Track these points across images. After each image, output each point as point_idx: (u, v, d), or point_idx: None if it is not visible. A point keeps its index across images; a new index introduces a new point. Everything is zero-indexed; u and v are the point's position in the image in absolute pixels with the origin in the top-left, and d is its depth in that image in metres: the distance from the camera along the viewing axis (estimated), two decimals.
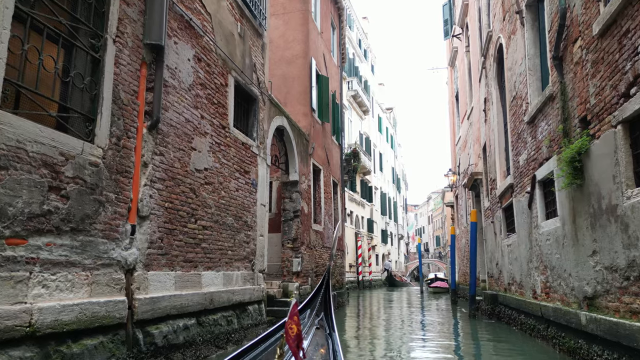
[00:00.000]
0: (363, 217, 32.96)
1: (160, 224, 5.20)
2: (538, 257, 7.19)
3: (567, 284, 5.92)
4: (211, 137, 6.56)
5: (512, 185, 8.79)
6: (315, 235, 12.13)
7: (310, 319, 4.56)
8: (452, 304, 16.14)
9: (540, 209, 7.01)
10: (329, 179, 14.10)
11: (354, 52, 33.23)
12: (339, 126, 15.80)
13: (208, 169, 6.42)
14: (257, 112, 8.36)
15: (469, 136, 16.33)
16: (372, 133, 37.14)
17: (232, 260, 7.06)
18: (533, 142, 7.25)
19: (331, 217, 14.19)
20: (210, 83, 6.63)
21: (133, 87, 4.80)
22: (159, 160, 5.25)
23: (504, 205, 9.88)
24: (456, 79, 20.09)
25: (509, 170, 9.52)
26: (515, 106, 8.40)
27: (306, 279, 10.91)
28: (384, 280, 35.00)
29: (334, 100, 15.09)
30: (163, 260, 5.24)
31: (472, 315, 11.32)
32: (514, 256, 8.95)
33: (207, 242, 6.29)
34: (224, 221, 6.85)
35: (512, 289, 9.26)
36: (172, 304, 5.27)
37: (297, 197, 10.57)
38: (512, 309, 9.21)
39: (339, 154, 15.97)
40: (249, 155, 7.93)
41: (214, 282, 6.39)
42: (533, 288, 7.59)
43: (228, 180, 7.05)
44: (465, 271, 18.12)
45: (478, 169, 13.57)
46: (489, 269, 12.53)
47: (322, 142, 13.50)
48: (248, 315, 7.41)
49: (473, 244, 11.46)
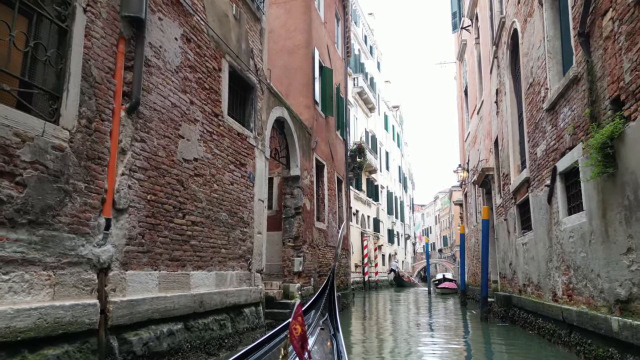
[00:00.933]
0: (369, 217, 32.35)
1: (141, 218, 4.68)
2: (559, 256, 6.59)
3: (594, 285, 5.33)
4: (202, 125, 6.03)
5: (529, 179, 8.19)
6: (319, 234, 11.58)
7: (315, 319, 4.49)
8: (462, 306, 15.52)
9: (562, 204, 6.41)
10: (332, 176, 13.55)
11: (360, 48, 32.64)
12: (343, 121, 15.24)
13: (198, 159, 5.90)
14: (254, 101, 7.83)
15: (478, 131, 15.70)
16: (378, 131, 36.53)
17: (226, 259, 6.53)
18: (553, 131, 6.65)
19: (335, 215, 13.63)
20: (201, 66, 6.10)
21: (108, 64, 4.28)
22: (140, 147, 4.72)
23: (518, 201, 9.26)
24: (465, 73, 19.45)
25: (525, 164, 8.91)
26: (532, 94, 7.80)
27: (308, 279, 10.37)
28: (391, 280, 35.04)
29: (339, 94, 14.54)
30: (145, 259, 4.71)
31: (483, 318, 10.71)
32: (530, 255, 8.34)
33: (197, 239, 5.76)
34: (217, 217, 6.32)
35: (528, 291, 8.65)
36: (155, 307, 4.75)
37: (299, 193, 10.03)
38: (528, 312, 8.60)
39: (344, 150, 15.41)
40: (246, 146, 7.39)
41: (204, 282, 5.86)
42: (553, 290, 6.99)
43: (221, 173, 6.52)
44: (474, 272, 17.47)
45: (489, 164, 12.95)
46: (501, 269, 11.91)
47: (326, 137, 12.95)
48: (244, 318, 6.87)
49: (485, 242, 10.85)
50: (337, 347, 3.95)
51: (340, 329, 4.37)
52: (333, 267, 5.15)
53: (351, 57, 29.61)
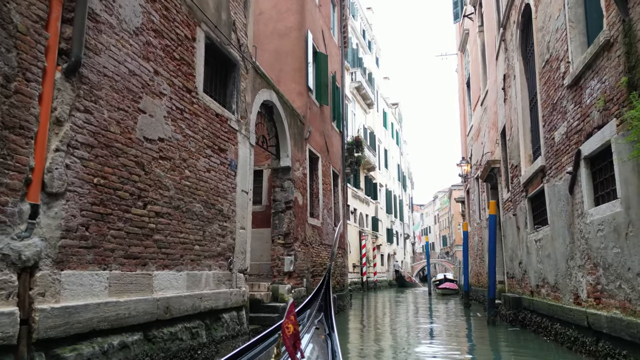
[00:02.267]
0: (367, 215, 31.49)
1: (85, 205, 3.82)
2: (583, 253, 5.74)
3: (632, 286, 4.48)
4: (170, 100, 5.17)
5: (544, 168, 7.34)
6: (312, 231, 10.72)
7: (310, 319, 4.47)
8: (465, 308, 14.66)
9: (588, 193, 5.57)
10: (328, 169, 12.68)
11: (358, 43, 31.80)
12: (340, 112, 14.39)
13: (165, 139, 5.03)
14: (237, 80, 6.97)
15: (482, 123, 14.87)
16: (376, 128, 35.68)
17: (201, 257, 5.67)
18: (576, 110, 5.81)
19: (331, 212, 12.77)
20: (170, 32, 5.24)
21: (37, 12, 3.42)
22: (84, 118, 3.86)
23: (530, 194, 8.42)
24: (467, 65, 18.62)
25: (538, 153, 8.07)
26: (548, 71, 6.95)
27: (300, 279, 9.51)
28: (394, 280, 35.59)
29: (334, 83, 13.68)
30: (89, 256, 3.85)
31: (491, 322, 9.86)
32: (546, 253, 7.50)
33: (163, 234, 4.90)
34: (189, 208, 5.46)
35: (542, 292, 7.81)
36: (103, 314, 3.89)
37: (290, 185, 9.17)
38: (542, 316, 7.76)
39: (340, 143, 14.55)
40: (226, 130, 6.54)
41: (172, 284, 5.00)
42: (574, 291, 6.15)
43: (195, 158, 5.66)
44: (478, 271, 16.63)
45: (495, 156, 12.10)
46: (508, 269, 11.06)
47: (320, 127, 12.09)
48: (222, 325, 6.01)
49: (492, 240, 9.99)
50: (332, 347, 3.94)
51: (335, 328, 4.36)
52: (329, 266, 5.20)
53: (348, 49, 28.74)
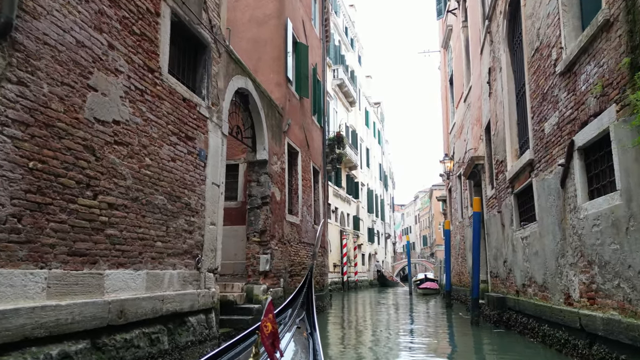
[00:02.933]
0: (349, 214, 31.13)
1: (16, 193, 3.26)
2: (576, 251, 5.41)
3: (632, 285, 4.13)
4: (128, 78, 4.62)
5: (532, 162, 7.02)
6: (290, 228, 10.23)
7: (292, 318, 4.43)
8: (447, 308, 14.37)
9: (581, 186, 5.23)
10: (308, 165, 12.21)
11: (340, 40, 31.41)
12: (321, 106, 13.92)
13: (121, 122, 4.48)
14: (208, 63, 6.43)
15: (465, 120, 14.62)
16: (358, 126, 35.38)
17: (164, 255, 5.13)
18: (570, 98, 5.47)
19: (310, 209, 12.29)
20: (129, 3, 4.68)
21: None
22: (17, 91, 3.30)
23: (517, 189, 8.11)
24: (450, 61, 18.39)
25: (525, 147, 7.76)
26: (538, 60, 6.62)
27: (277, 279, 9.00)
28: (375, 280, 35.93)
29: (315, 76, 13.22)
30: (22, 252, 3.29)
31: (474, 322, 9.53)
32: (533, 251, 7.18)
33: (118, 228, 4.35)
34: (150, 200, 4.91)
35: (529, 292, 7.49)
36: (39, 320, 3.33)
37: (267, 180, 8.65)
38: (529, 316, 7.44)
39: (321, 138, 14.08)
40: (195, 116, 6.00)
41: (128, 285, 4.45)
42: (565, 291, 5.81)
43: (158, 145, 5.12)
44: (459, 271, 16.40)
45: (479, 153, 11.83)
46: (492, 268, 10.78)
47: (300, 121, 11.61)
48: (188, 329, 5.47)
49: (476, 238, 9.68)
50: (314, 346, 3.91)
51: (317, 327, 4.35)
52: (311, 265, 5.27)
53: (330, 46, 28.33)
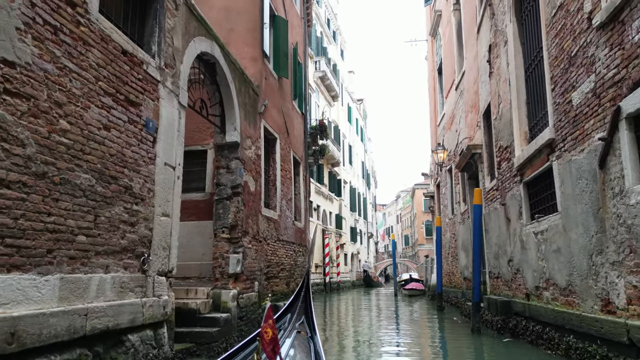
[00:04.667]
0: (331, 213, 29.95)
1: None
2: (622, 246, 4.31)
3: None
4: (31, 6, 3.30)
5: (553, 142, 5.93)
6: (267, 224, 8.97)
7: (291, 323, 4.33)
8: (438, 311, 13.27)
9: (632, 164, 4.13)
10: (288, 154, 10.95)
11: (322, 31, 30.22)
12: (302, 91, 12.68)
13: (17, 65, 3.17)
14: (160, 14, 5.13)
15: (457, 109, 13.58)
16: (341, 122, 34.25)
17: (90, 253, 3.82)
18: (613, 55, 4.37)
19: (290, 203, 11.04)
20: None
21: None
22: None
23: (527, 177, 7.03)
24: (439, 49, 17.39)
25: (540, 125, 6.69)
26: (562, 18, 5.53)
27: (250, 283, 7.73)
28: (361, 280, 36.31)
29: (296, 57, 11.97)
30: None
31: (476, 330, 8.42)
32: (552, 247, 6.09)
33: (10, 215, 3.04)
34: (68, 178, 3.60)
35: (545, 296, 6.41)
36: None
37: (238, 166, 7.37)
38: (545, 324, 6.36)
39: (303, 126, 12.84)
40: (141, 77, 4.69)
41: (27, 295, 3.13)
42: (603, 296, 4.72)
43: (83, 105, 3.80)
44: (449, 271, 15.37)
45: (475, 141, 10.77)
46: (492, 268, 9.71)
47: (279, 104, 10.35)
48: (127, 351, 4.17)
49: (477, 234, 8.57)
50: (315, 349, 3.86)
51: (317, 331, 4.32)
52: (307, 268, 5.23)
53: (312, 37, 27.11)
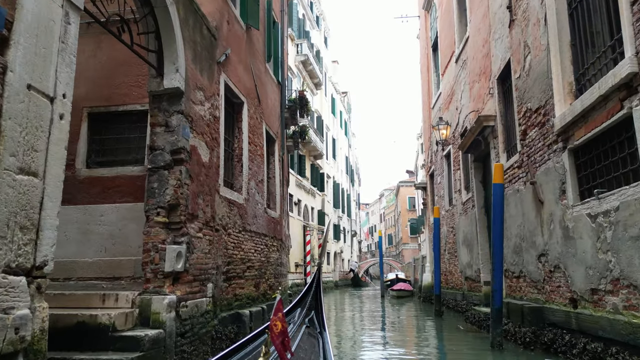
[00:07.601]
0: (313, 208, 27.98)
1: None
2: None
3: None
4: None
5: (634, 78, 4.04)
6: (229, 209, 6.91)
7: (301, 318, 4.32)
8: (437, 317, 11.37)
9: None
10: (259, 125, 8.90)
11: (305, 14, 28.20)
12: (278, 56, 10.63)
13: None
14: None
15: (458, 83, 11.73)
16: (324, 113, 32.29)
17: None
18: None
19: (262, 187, 8.99)
20: None
21: None
22: None
23: (576, 141, 5.15)
24: (434, 22, 15.56)
25: (585, 79, 4.81)
26: None
27: (200, 285, 5.65)
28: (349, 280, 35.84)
29: (271, 12, 9.92)
30: None
31: (497, 344, 6.52)
32: (630, 233, 4.21)
33: None
34: None
35: (613, 302, 4.52)
36: None
37: (182, 123, 5.28)
38: (611, 342, 4.47)
39: (279, 97, 10.77)
40: None
41: None
42: None
43: None
44: (448, 269, 13.52)
45: (487, 112, 8.90)
46: (509, 265, 7.84)
47: (247, 60, 8.29)
48: None
49: (498, 221, 6.63)
50: (323, 345, 3.80)
51: (326, 327, 4.27)
52: (319, 264, 5.30)
53: (294, 18, 25.05)
